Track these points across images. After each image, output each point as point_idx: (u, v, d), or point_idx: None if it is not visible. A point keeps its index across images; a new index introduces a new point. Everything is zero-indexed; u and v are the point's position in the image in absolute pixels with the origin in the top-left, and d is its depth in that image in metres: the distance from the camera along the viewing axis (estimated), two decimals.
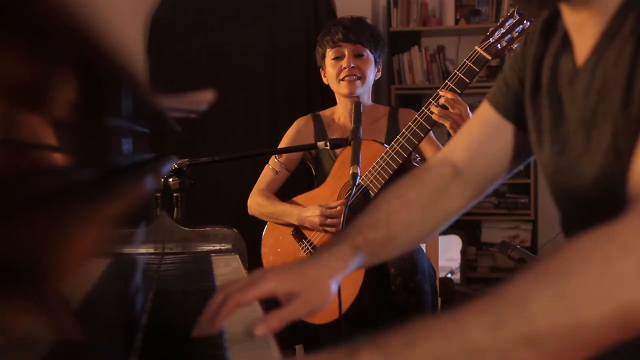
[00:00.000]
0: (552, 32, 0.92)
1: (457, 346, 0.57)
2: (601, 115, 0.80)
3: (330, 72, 2.12)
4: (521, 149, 1.00)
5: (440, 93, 1.86)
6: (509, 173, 1.04)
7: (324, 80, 2.20)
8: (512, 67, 1.00)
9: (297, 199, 2.11)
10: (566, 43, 0.87)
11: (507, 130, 1.00)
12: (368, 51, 2.10)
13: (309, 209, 1.99)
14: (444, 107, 1.84)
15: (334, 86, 2.13)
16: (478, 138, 1.02)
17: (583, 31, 0.83)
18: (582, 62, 0.84)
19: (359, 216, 0.99)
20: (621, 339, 0.57)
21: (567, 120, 0.86)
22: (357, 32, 2.09)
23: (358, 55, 2.08)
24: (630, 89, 0.75)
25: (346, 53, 2.08)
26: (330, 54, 2.11)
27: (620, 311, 0.56)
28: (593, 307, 0.56)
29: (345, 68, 2.07)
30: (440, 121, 1.86)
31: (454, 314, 0.59)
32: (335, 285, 0.88)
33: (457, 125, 1.83)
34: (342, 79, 2.08)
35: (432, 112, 1.87)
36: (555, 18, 0.92)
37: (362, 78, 2.09)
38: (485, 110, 1.03)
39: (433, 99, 1.88)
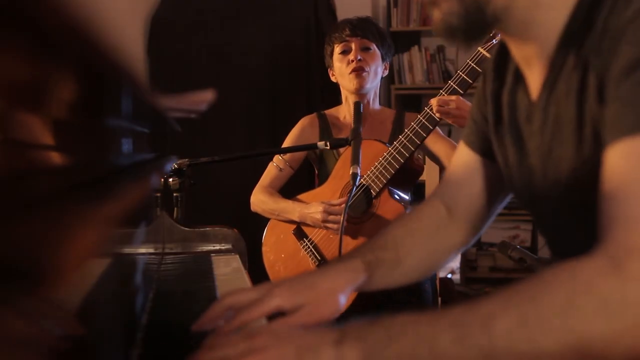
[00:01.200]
0: (505, 66, 0.92)
1: (426, 351, 0.62)
2: (556, 152, 0.80)
3: (338, 67, 2.11)
4: (502, 182, 1.00)
5: (430, 102, 1.86)
6: (499, 205, 1.05)
7: (332, 78, 2.20)
8: (477, 105, 1.00)
9: (299, 197, 2.12)
10: (519, 77, 0.87)
11: (485, 167, 1.01)
12: (375, 46, 2.10)
13: (311, 205, 2.00)
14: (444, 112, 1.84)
15: (342, 81, 2.13)
16: (460, 180, 1.04)
17: (531, 65, 0.83)
18: (535, 97, 0.83)
19: (373, 238, 1.00)
20: None
21: (529, 156, 0.86)
22: (363, 28, 2.10)
23: (365, 49, 2.09)
24: (580, 128, 0.75)
25: (353, 47, 2.08)
26: (337, 49, 2.11)
27: (576, 344, 0.59)
28: (551, 336, 0.59)
29: (352, 61, 2.06)
30: (442, 115, 1.86)
31: (431, 318, 0.64)
32: (344, 298, 0.88)
33: (461, 118, 1.83)
34: (350, 72, 2.07)
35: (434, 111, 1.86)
36: (507, 53, 0.90)
37: (370, 72, 2.08)
38: (462, 149, 1.04)
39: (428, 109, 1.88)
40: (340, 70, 2.11)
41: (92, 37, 0.43)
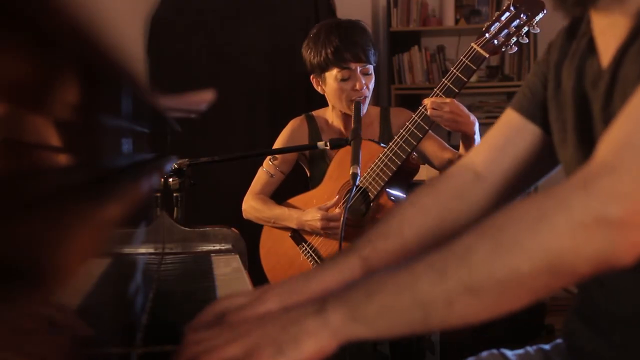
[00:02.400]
0: (574, 37, 0.92)
1: (408, 297, 0.63)
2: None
3: (334, 89, 2.03)
4: (547, 153, 0.99)
5: (424, 102, 1.83)
6: (534, 180, 1.02)
7: (318, 88, 2.12)
8: (536, 74, 1.00)
9: (292, 201, 2.08)
10: (592, 47, 0.87)
11: (532, 132, 0.99)
12: (372, 67, 2.04)
13: (308, 212, 1.97)
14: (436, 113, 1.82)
15: (337, 102, 2.06)
16: (500, 140, 1.01)
17: (608, 33, 0.83)
18: (606, 64, 0.84)
19: (373, 226, 0.98)
20: (556, 287, 0.62)
21: (595, 120, 0.86)
22: (365, 51, 1.99)
23: (366, 74, 2.02)
24: None
25: (357, 75, 1.99)
26: (337, 74, 2.00)
27: (551, 260, 0.60)
28: (526, 257, 0.61)
29: (358, 90, 1.99)
30: (436, 121, 1.82)
31: (407, 266, 0.65)
32: None
33: (454, 122, 1.81)
34: (352, 100, 2.00)
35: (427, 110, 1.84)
36: (577, 24, 0.92)
37: (369, 96, 2.05)
38: (509, 115, 1.02)
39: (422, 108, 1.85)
40: (337, 94, 2.03)
41: (92, 37, 0.43)
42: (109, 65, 0.55)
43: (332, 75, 2.02)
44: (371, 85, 2.04)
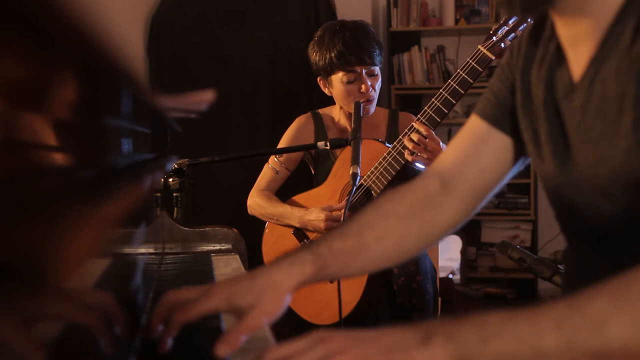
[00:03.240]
0: (539, 42, 0.91)
1: (529, 351, 0.62)
2: (597, 130, 0.79)
3: (341, 92, 2.04)
4: (512, 158, 0.98)
5: (415, 125, 1.86)
6: (496, 186, 1.01)
7: (325, 90, 2.13)
8: (500, 78, 0.99)
9: (296, 198, 2.10)
10: (561, 56, 0.86)
11: (497, 140, 0.98)
12: (378, 68, 2.05)
13: (311, 212, 1.97)
14: (417, 143, 1.84)
15: (344, 104, 2.07)
16: (466, 149, 1.00)
17: (577, 44, 0.83)
18: (578, 76, 0.83)
19: (332, 230, 0.96)
20: None
21: (569, 134, 0.85)
22: (370, 53, 2.00)
23: (371, 76, 2.03)
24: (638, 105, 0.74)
25: (363, 77, 2.00)
26: (344, 77, 2.01)
27: None
28: None
29: (364, 92, 2.00)
30: (415, 160, 1.85)
31: (529, 317, 0.63)
32: (289, 296, 0.84)
33: (431, 161, 1.82)
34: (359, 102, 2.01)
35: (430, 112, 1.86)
36: (540, 27, 0.91)
37: (376, 97, 2.06)
38: (474, 122, 1.01)
39: (408, 131, 1.88)
40: (344, 96, 2.04)
41: (93, 37, 0.43)
42: (109, 65, 0.55)
43: (338, 78, 2.03)
44: (377, 86, 2.05)
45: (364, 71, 2.00)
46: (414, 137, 1.85)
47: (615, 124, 0.77)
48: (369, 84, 2.00)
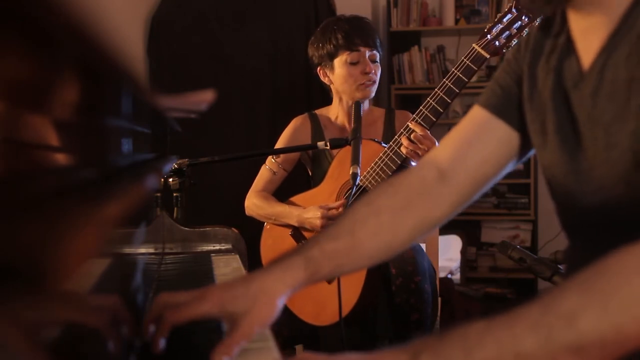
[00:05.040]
0: (547, 36, 0.92)
1: (511, 356, 0.64)
2: (609, 114, 0.80)
3: (343, 75, 2.06)
4: (514, 151, 0.98)
5: (411, 126, 1.87)
6: (494, 178, 1.00)
7: (325, 79, 2.15)
8: (506, 71, 0.99)
9: (294, 199, 2.10)
10: (570, 47, 0.87)
11: (500, 131, 0.97)
12: (379, 56, 2.09)
13: (309, 210, 1.98)
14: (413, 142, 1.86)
15: (345, 88, 2.09)
16: (467, 138, 0.99)
17: (588, 35, 0.83)
18: (587, 66, 0.84)
19: (323, 230, 0.97)
20: None
21: (579, 122, 0.85)
22: (373, 38, 2.06)
23: (373, 61, 2.07)
24: None
25: (366, 58, 2.05)
26: (347, 57, 2.05)
27: None
28: (635, 322, 0.63)
29: (366, 74, 2.03)
30: (410, 156, 1.87)
31: (506, 323, 0.66)
32: (281, 301, 0.85)
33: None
34: (361, 84, 2.05)
35: (429, 112, 1.87)
36: (550, 23, 0.91)
37: (377, 82, 2.09)
38: (477, 112, 1.00)
39: (404, 131, 1.89)
40: (346, 79, 2.06)
41: (93, 37, 0.43)
42: (109, 66, 0.55)
43: (342, 60, 2.06)
44: (378, 73, 2.08)
45: (367, 53, 2.04)
46: (412, 136, 1.85)
47: (624, 108, 0.77)
48: (372, 67, 2.04)
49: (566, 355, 0.63)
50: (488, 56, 1.81)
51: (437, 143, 1.85)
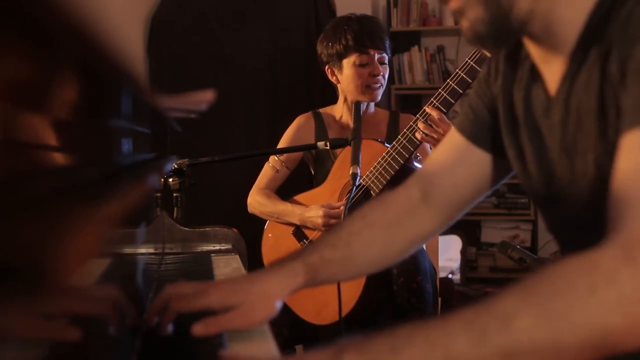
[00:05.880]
0: (517, 61, 0.92)
1: (441, 355, 0.60)
2: (581, 144, 0.80)
3: (351, 76, 2.06)
4: (490, 173, 1.00)
5: (427, 110, 1.87)
6: (479, 197, 1.03)
7: (332, 78, 2.14)
8: (478, 94, 1.00)
9: (297, 198, 2.10)
10: (535, 74, 0.87)
11: (475, 155, 0.99)
12: (387, 58, 2.10)
13: (311, 209, 1.98)
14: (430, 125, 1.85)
15: (352, 89, 2.08)
16: (445, 162, 1.02)
17: (550, 62, 0.84)
18: (554, 92, 0.84)
19: (324, 233, 0.99)
20: (596, 358, 0.61)
21: (550, 150, 0.86)
22: (382, 40, 2.07)
23: (382, 64, 2.07)
24: (603, 116, 0.75)
25: (375, 60, 2.05)
26: (356, 59, 2.05)
27: (598, 336, 0.59)
28: (573, 330, 0.59)
29: (375, 76, 2.04)
30: (425, 141, 1.87)
31: (439, 322, 0.62)
32: (279, 302, 0.88)
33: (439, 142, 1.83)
34: (369, 86, 2.05)
35: (428, 114, 1.87)
36: (518, 48, 0.91)
37: (384, 85, 2.09)
38: (454, 136, 1.03)
39: (420, 116, 1.89)
40: (354, 80, 2.06)
41: (92, 37, 0.43)
42: (109, 66, 0.55)
43: (350, 61, 2.06)
44: (386, 76, 2.09)
45: (376, 56, 2.05)
46: (429, 120, 1.86)
47: (589, 137, 0.78)
48: (380, 69, 2.05)
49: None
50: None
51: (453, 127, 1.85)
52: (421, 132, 1.86)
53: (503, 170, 1.00)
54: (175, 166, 1.65)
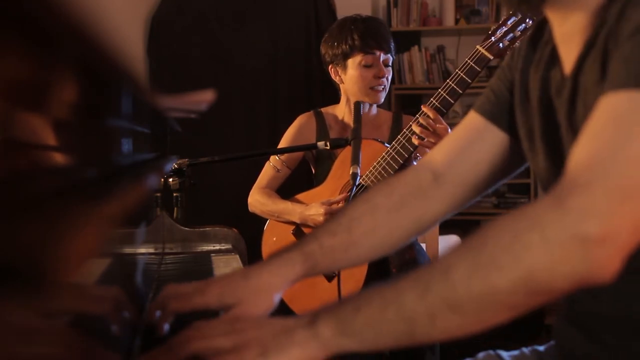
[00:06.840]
0: (538, 45, 0.93)
1: (393, 312, 0.66)
2: (586, 120, 0.80)
3: (355, 77, 2.06)
4: (506, 156, 0.99)
5: (424, 109, 1.87)
6: (494, 182, 1.02)
7: (336, 78, 2.14)
8: (500, 78, 1.00)
9: (297, 197, 2.10)
10: (555, 56, 0.88)
11: (493, 136, 0.99)
12: (391, 61, 2.10)
13: (311, 207, 1.99)
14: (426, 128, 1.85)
15: (355, 90, 2.08)
16: (462, 142, 1.01)
17: (569, 42, 0.84)
18: (568, 72, 0.85)
19: (321, 225, 0.99)
20: (534, 303, 0.64)
21: (561, 127, 0.86)
22: (388, 42, 2.07)
23: (386, 65, 2.07)
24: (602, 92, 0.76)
25: (379, 62, 2.05)
26: (362, 59, 2.05)
27: (527, 278, 0.62)
28: (503, 275, 0.63)
29: (379, 77, 2.04)
30: (421, 145, 1.86)
31: (394, 283, 0.68)
32: (278, 295, 0.88)
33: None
34: (372, 88, 2.05)
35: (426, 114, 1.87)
36: (540, 32, 0.92)
37: (386, 89, 2.09)
38: (472, 118, 1.02)
39: (420, 115, 1.89)
40: (358, 81, 2.06)
41: (92, 37, 0.43)
42: (109, 66, 0.55)
43: (355, 62, 2.06)
44: (389, 78, 2.09)
45: (381, 57, 2.05)
46: (422, 120, 1.85)
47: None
48: (384, 71, 2.05)
49: (444, 311, 0.64)
50: (491, 57, 1.83)
51: (449, 130, 1.85)
52: (417, 137, 1.86)
53: (517, 157, 0.99)
54: (175, 166, 1.65)
